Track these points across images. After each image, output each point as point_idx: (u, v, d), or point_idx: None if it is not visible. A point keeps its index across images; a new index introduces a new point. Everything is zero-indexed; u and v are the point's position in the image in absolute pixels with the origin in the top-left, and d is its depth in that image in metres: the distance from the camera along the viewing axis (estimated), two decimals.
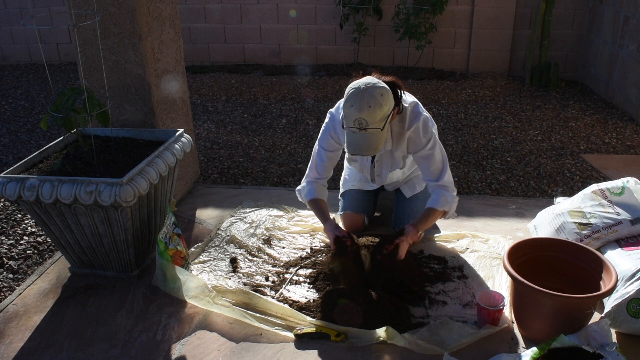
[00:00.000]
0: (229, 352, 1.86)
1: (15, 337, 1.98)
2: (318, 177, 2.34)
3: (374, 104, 1.91)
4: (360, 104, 1.91)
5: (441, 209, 2.20)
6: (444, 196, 2.20)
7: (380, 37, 5.75)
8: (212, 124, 4.42)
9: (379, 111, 1.93)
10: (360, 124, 1.93)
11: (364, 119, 1.92)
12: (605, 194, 2.25)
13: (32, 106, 4.99)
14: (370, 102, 1.91)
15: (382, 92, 1.95)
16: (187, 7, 5.89)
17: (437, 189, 2.22)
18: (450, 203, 2.21)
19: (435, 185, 2.23)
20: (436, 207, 2.19)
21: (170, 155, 2.30)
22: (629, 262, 1.96)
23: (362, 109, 1.91)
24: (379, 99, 1.92)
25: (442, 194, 2.20)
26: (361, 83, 1.96)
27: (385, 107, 1.94)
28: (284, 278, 2.25)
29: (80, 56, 2.54)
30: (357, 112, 1.92)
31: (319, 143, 2.31)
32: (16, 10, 6.19)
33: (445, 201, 2.20)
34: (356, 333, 1.87)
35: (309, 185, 2.35)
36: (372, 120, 1.93)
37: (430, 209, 2.20)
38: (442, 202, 2.19)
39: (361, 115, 1.92)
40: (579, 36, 5.44)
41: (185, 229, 2.66)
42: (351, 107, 1.93)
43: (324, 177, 2.35)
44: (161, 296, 2.16)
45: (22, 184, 2.04)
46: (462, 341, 1.82)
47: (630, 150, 3.85)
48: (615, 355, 1.64)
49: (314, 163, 2.33)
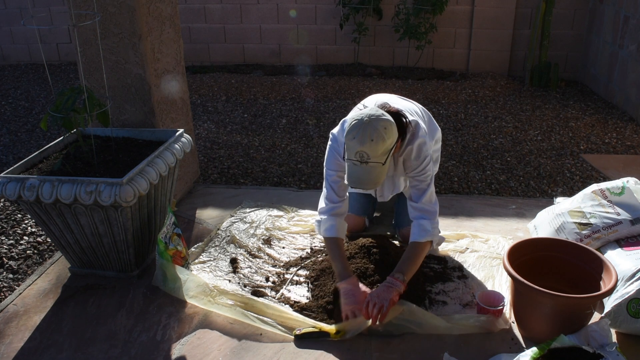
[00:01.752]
0: (229, 352, 1.86)
1: (15, 337, 1.98)
2: (337, 200, 2.15)
3: (376, 137, 1.82)
4: (363, 137, 1.83)
5: (424, 241, 2.05)
6: (422, 226, 2.05)
7: (380, 37, 5.75)
8: (212, 124, 4.42)
9: (382, 145, 1.84)
10: (362, 157, 1.84)
11: (365, 152, 1.83)
12: (605, 194, 2.25)
13: (32, 106, 4.99)
14: (372, 135, 1.82)
15: (386, 126, 1.85)
16: (187, 7, 5.89)
17: (415, 220, 2.09)
18: (430, 231, 2.05)
19: (414, 207, 2.10)
20: (417, 240, 2.06)
21: (170, 155, 2.30)
22: (629, 262, 1.96)
23: (364, 142, 1.82)
24: (382, 133, 1.84)
25: (419, 224, 2.06)
26: (364, 115, 1.86)
27: (388, 140, 1.85)
28: (284, 278, 2.25)
29: (80, 56, 2.54)
30: (359, 145, 1.83)
31: (327, 167, 2.17)
32: (16, 10, 6.19)
33: (425, 230, 2.05)
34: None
35: (331, 220, 2.12)
36: (374, 154, 1.84)
37: (413, 244, 2.06)
38: (422, 232, 2.05)
39: (363, 148, 1.83)
40: (579, 36, 5.44)
41: (185, 229, 2.66)
42: (353, 140, 1.85)
43: (344, 199, 2.16)
44: (161, 296, 2.16)
45: (22, 184, 2.05)
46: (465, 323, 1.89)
47: (630, 150, 3.85)
48: (615, 355, 1.64)
49: (329, 187, 2.15)
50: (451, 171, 3.53)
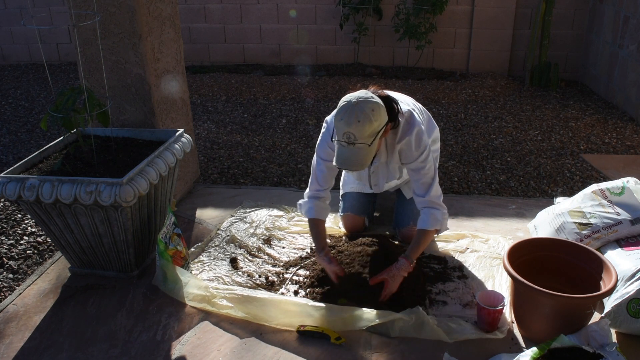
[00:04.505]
0: (229, 352, 1.86)
1: (15, 337, 1.98)
2: (319, 188, 2.24)
3: (363, 118, 1.86)
4: (349, 118, 1.87)
5: (432, 229, 2.13)
6: (433, 215, 2.13)
7: (380, 37, 5.75)
8: (212, 124, 4.42)
9: (368, 126, 1.88)
10: (349, 138, 1.89)
11: (352, 133, 1.88)
12: (605, 194, 2.25)
13: (32, 106, 4.99)
14: (359, 116, 1.86)
15: (374, 108, 1.89)
16: (187, 7, 5.89)
17: (425, 208, 2.15)
18: (440, 221, 2.14)
19: (422, 200, 2.16)
20: (427, 227, 2.13)
21: (170, 155, 2.30)
22: (629, 262, 1.96)
23: (351, 123, 1.87)
24: (369, 114, 1.87)
25: (431, 213, 2.13)
26: (353, 97, 1.91)
27: (375, 122, 1.89)
28: (284, 278, 2.25)
29: (80, 56, 2.54)
30: (346, 126, 1.87)
31: (317, 154, 2.23)
32: (16, 10, 6.19)
33: (436, 220, 2.13)
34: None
35: (310, 202, 2.24)
36: (360, 135, 1.88)
37: (422, 231, 2.13)
38: (432, 221, 2.13)
39: (349, 129, 1.87)
40: (579, 36, 5.44)
41: (185, 229, 2.66)
42: (341, 121, 1.90)
43: (326, 188, 2.25)
44: (161, 296, 2.16)
45: (22, 184, 2.05)
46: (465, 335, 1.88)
47: (630, 150, 3.85)
48: (615, 355, 1.64)
49: (314, 175, 2.24)
50: (451, 171, 3.53)
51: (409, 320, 1.90)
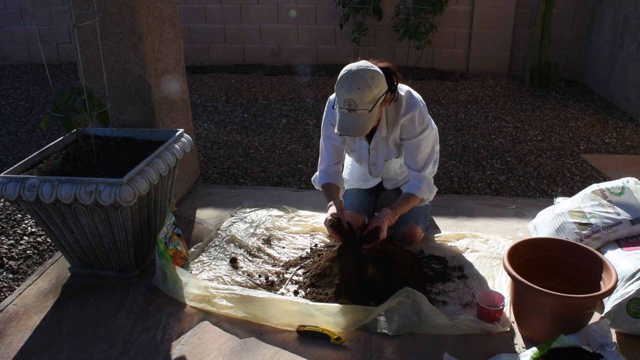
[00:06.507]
0: (229, 352, 1.86)
1: (15, 337, 1.98)
2: (329, 164, 2.38)
3: (363, 85, 1.96)
4: (350, 86, 1.97)
5: (420, 197, 2.25)
6: (427, 184, 2.25)
7: (380, 37, 5.75)
8: (212, 124, 4.42)
9: (368, 93, 1.97)
10: (350, 105, 1.98)
11: (353, 100, 1.97)
12: (605, 194, 2.25)
13: (32, 106, 4.99)
14: (359, 83, 1.96)
15: (373, 75, 1.99)
16: (187, 7, 5.89)
17: (419, 176, 2.26)
18: (429, 193, 2.28)
19: (416, 174, 2.27)
20: (416, 193, 2.24)
21: (170, 155, 2.30)
22: (629, 262, 1.96)
23: (352, 90, 1.96)
24: (369, 82, 1.97)
25: (424, 181, 2.25)
26: (354, 66, 2.02)
27: (375, 90, 1.98)
28: (284, 278, 2.25)
29: (80, 56, 2.54)
30: (347, 93, 1.97)
31: (323, 131, 2.38)
32: (16, 10, 6.19)
33: (428, 189, 2.26)
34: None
35: (321, 173, 2.40)
36: (360, 101, 1.97)
37: (411, 195, 2.24)
38: (424, 190, 2.25)
39: (350, 96, 1.97)
40: (579, 36, 5.44)
41: (185, 229, 2.66)
42: (341, 88, 1.99)
43: (335, 163, 2.38)
44: (161, 296, 2.16)
45: (22, 184, 2.05)
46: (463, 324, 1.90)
47: (630, 150, 3.85)
48: (615, 355, 1.63)
49: (322, 153, 2.40)
50: (451, 171, 3.53)
51: (407, 300, 1.93)
